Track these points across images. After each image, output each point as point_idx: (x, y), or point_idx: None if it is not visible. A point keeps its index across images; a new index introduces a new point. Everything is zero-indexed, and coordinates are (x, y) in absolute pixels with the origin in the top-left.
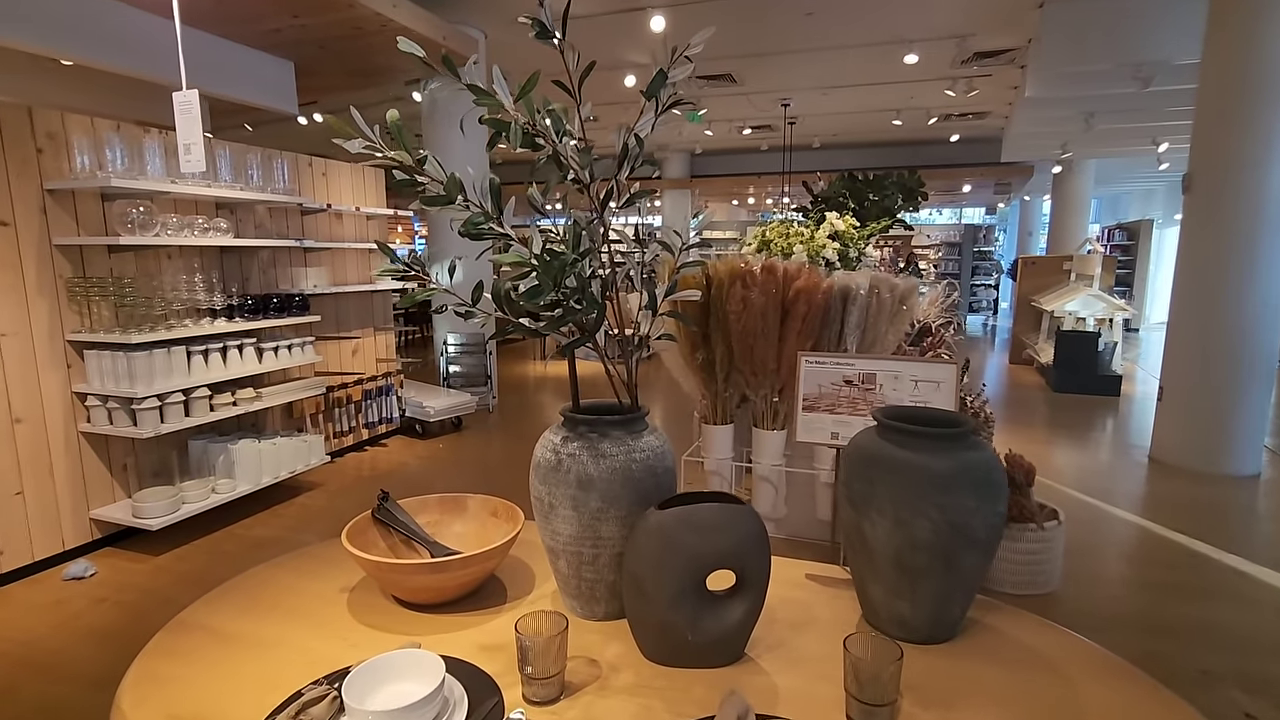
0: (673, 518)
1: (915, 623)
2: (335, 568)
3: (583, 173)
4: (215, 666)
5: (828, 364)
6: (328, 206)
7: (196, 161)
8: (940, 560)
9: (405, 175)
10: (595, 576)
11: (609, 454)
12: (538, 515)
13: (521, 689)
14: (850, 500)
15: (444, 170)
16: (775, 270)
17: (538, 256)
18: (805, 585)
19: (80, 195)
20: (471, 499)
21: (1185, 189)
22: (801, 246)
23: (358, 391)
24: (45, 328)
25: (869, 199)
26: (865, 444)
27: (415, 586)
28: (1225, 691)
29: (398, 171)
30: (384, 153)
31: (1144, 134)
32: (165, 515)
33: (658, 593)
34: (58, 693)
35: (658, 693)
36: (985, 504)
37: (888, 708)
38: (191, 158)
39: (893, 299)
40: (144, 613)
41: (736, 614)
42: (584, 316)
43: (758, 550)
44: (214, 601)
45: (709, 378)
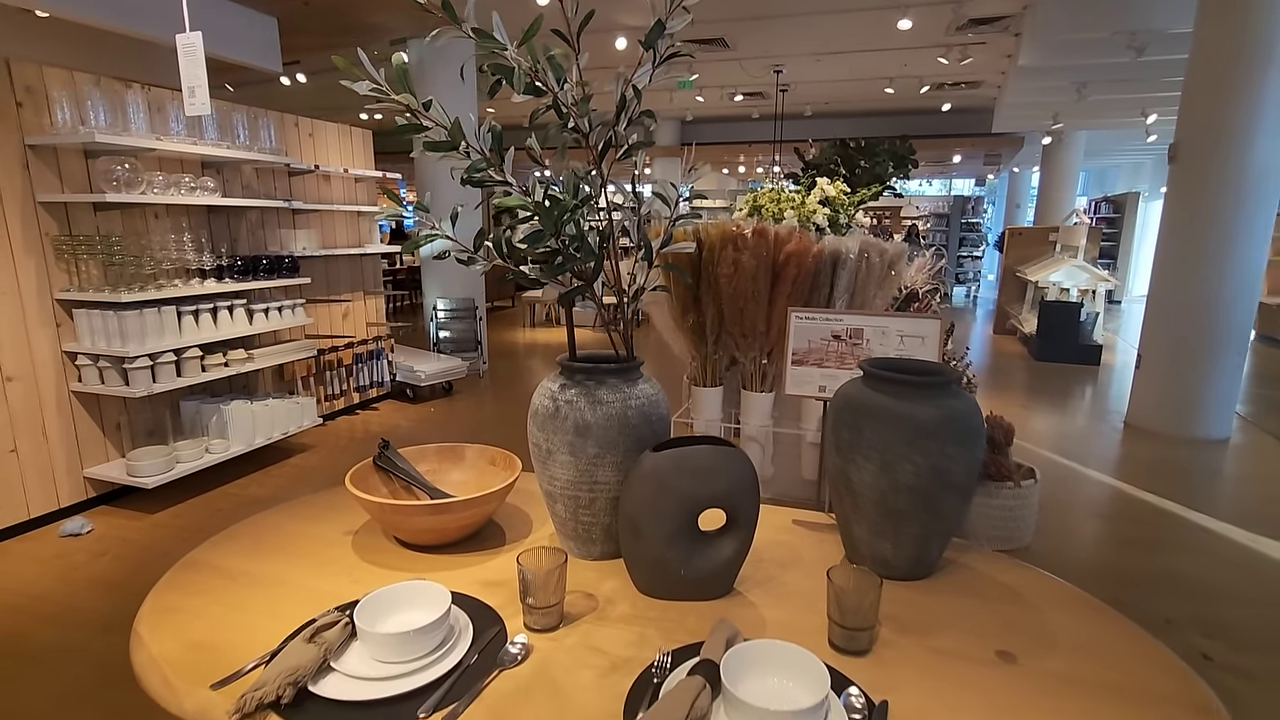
0: (667, 460)
1: (896, 562)
2: (338, 513)
3: (581, 121)
4: (226, 601)
5: (817, 319)
6: (315, 168)
7: (201, 104)
8: (921, 503)
9: (411, 119)
10: (592, 519)
11: (605, 401)
12: (536, 461)
13: (523, 618)
14: (837, 447)
15: (447, 117)
16: (766, 234)
17: (538, 203)
18: (792, 530)
19: (63, 151)
20: (469, 448)
21: (1171, 159)
22: (793, 212)
23: (348, 355)
24: (33, 286)
25: (860, 166)
26: (852, 393)
27: (418, 528)
28: (1186, 636)
29: (401, 117)
30: (392, 95)
31: (1134, 105)
32: (160, 474)
33: (652, 531)
34: (67, 638)
35: (652, 622)
36: (965, 450)
37: (868, 632)
38: (196, 100)
39: (881, 263)
40: (145, 565)
41: (727, 551)
42: (582, 264)
43: (747, 491)
44: (220, 544)
45: (699, 340)
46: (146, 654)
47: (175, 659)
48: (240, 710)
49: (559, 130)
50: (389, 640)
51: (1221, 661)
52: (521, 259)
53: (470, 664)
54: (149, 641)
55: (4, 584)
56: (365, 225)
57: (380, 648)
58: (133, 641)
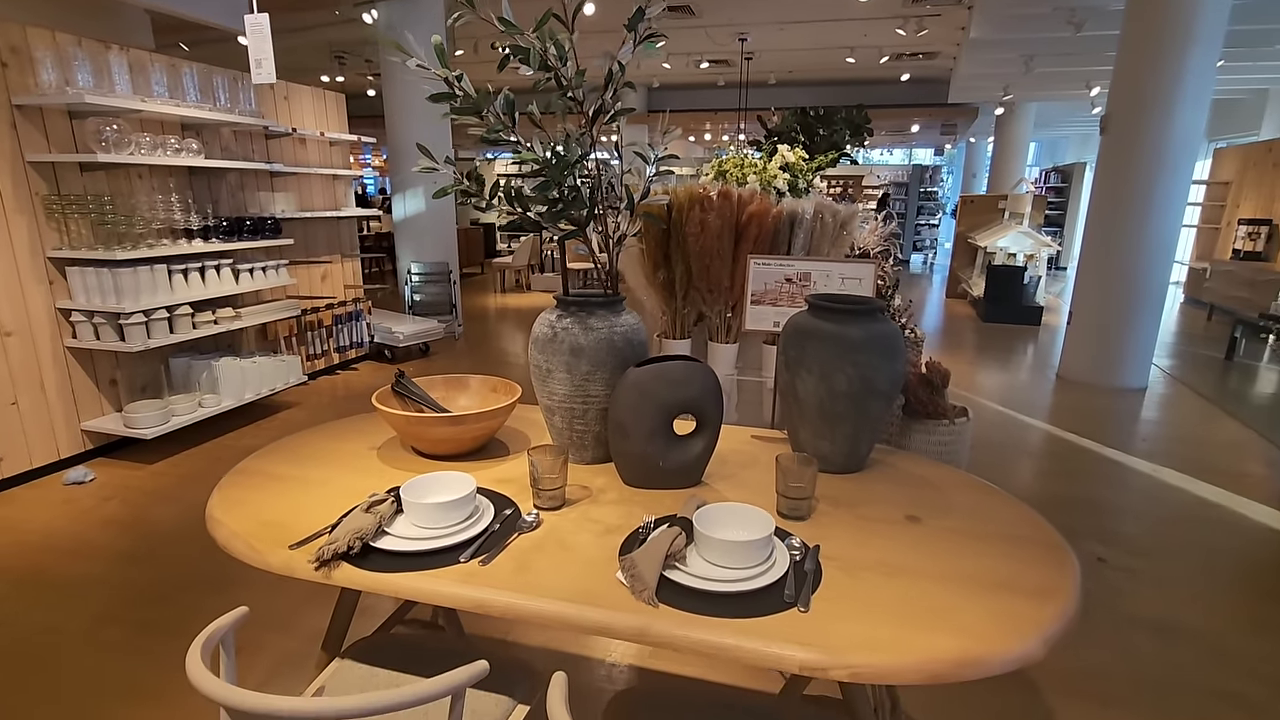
0: (648, 373)
1: (834, 457)
2: (361, 434)
3: (578, 92)
4: (281, 494)
5: (772, 265)
6: (293, 130)
7: (268, 75)
8: (853, 406)
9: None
10: (585, 428)
11: (595, 328)
12: (536, 381)
13: (533, 501)
14: (786, 364)
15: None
16: (730, 196)
17: (545, 159)
18: (750, 442)
19: (48, 112)
20: (473, 378)
21: (1102, 130)
22: (755, 176)
23: (328, 316)
24: (25, 244)
25: (819, 134)
26: (800, 321)
27: (436, 438)
28: (1085, 545)
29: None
30: (437, 72)
31: (1079, 78)
32: (157, 426)
33: (637, 431)
34: (90, 569)
35: (637, 503)
36: (888, 363)
37: (806, 501)
38: (262, 71)
39: (834, 224)
40: (153, 507)
41: (697, 447)
42: (577, 211)
43: (713, 398)
44: (262, 457)
45: (669, 295)
46: (227, 530)
47: (252, 532)
48: (319, 558)
49: (560, 98)
50: (430, 509)
51: (1114, 564)
52: (527, 206)
53: (494, 530)
54: (226, 522)
55: (21, 524)
56: (341, 188)
57: (423, 516)
58: (210, 524)
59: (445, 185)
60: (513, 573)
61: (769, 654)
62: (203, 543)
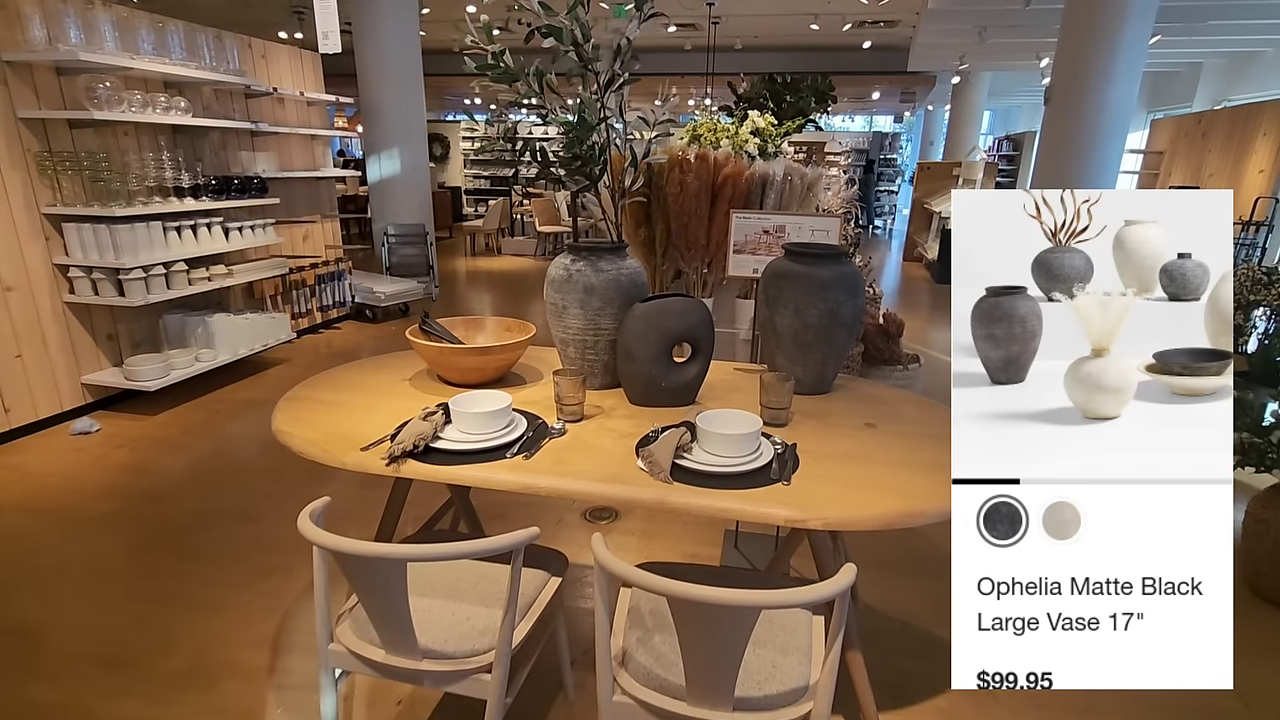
0: (652, 307)
1: (806, 380)
2: (390, 369)
3: (595, 65)
4: (337, 414)
5: (752, 218)
6: (274, 90)
7: (334, 45)
8: (822, 336)
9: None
10: (595, 357)
11: (605, 269)
12: (551, 317)
13: (556, 415)
14: (766, 302)
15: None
16: (707, 159)
17: (571, 122)
18: (734, 373)
19: (37, 68)
20: (488, 319)
21: (1046, 100)
22: (728, 141)
23: (311, 275)
24: (21, 200)
25: (786, 100)
26: (777, 265)
27: (466, 367)
28: None
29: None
30: (485, 47)
31: (1029, 49)
32: (158, 379)
33: (642, 355)
34: (116, 507)
35: (643, 418)
36: (850, 298)
37: (785, 411)
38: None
39: (802, 185)
40: (163, 454)
41: (692, 370)
42: (592, 168)
43: (706, 329)
44: (308, 387)
45: (649, 253)
46: (300, 439)
47: (322, 440)
48: (391, 455)
49: (580, 68)
50: (477, 418)
51: None
52: (549, 163)
53: (529, 435)
54: (296, 433)
55: (41, 470)
56: (319, 149)
57: (471, 424)
58: (281, 437)
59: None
60: (551, 464)
61: (761, 513)
62: (217, 484)
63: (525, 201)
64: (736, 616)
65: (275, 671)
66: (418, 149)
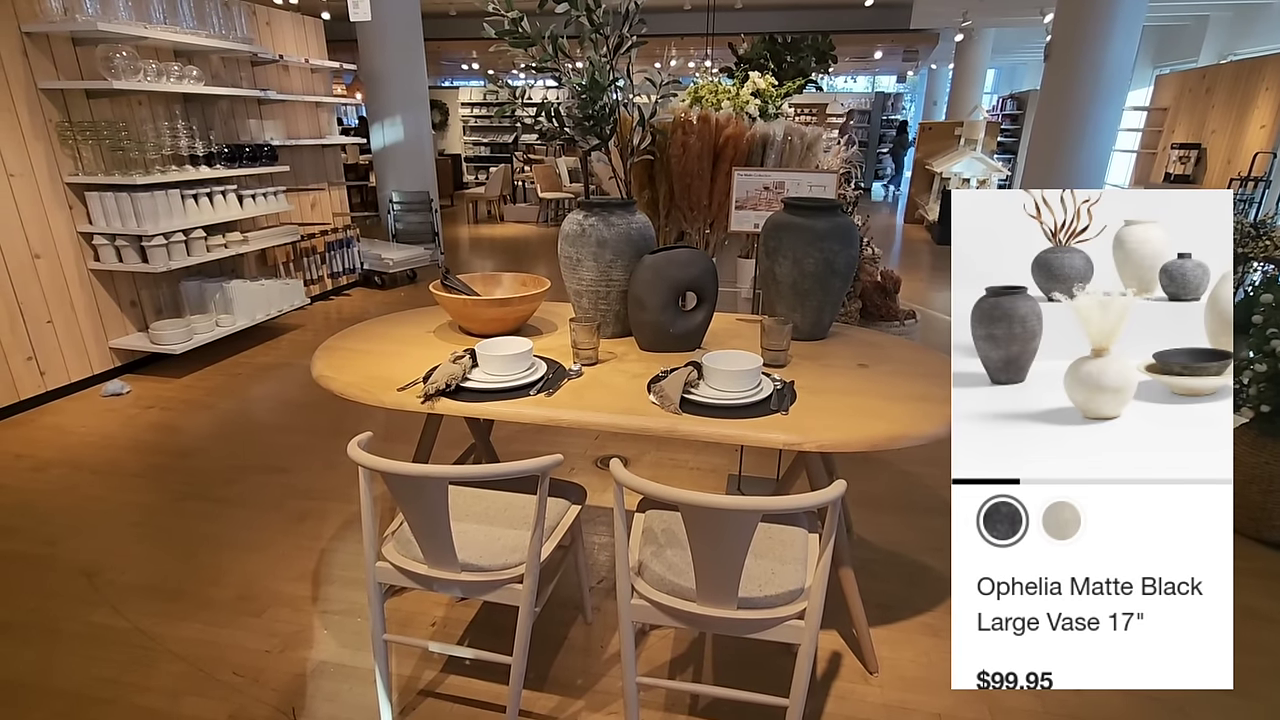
0: (661, 258)
1: (804, 326)
2: (414, 323)
3: (604, 28)
4: (370, 360)
5: (753, 175)
6: (280, 57)
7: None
8: (819, 284)
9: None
10: (608, 307)
11: (616, 224)
12: (565, 270)
13: (573, 358)
14: (766, 253)
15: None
16: (709, 120)
17: (583, 84)
18: (736, 323)
19: (54, 39)
20: (504, 275)
21: (1046, 57)
22: (729, 102)
23: (321, 242)
24: (45, 170)
25: (786, 60)
26: (777, 218)
27: (487, 318)
28: None
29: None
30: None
31: (1033, 3)
32: (182, 343)
33: (652, 303)
34: (155, 461)
35: (653, 361)
36: (845, 248)
37: (784, 353)
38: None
39: (802, 145)
40: (192, 414)
41: (698, 318)
42: (604, 128)
43: (711, 279)
44: (340, 339)
45: (653, 214)
46: (340, 382)
47: (361, 383)
48: (426, 394)
49: (591, 32)
50: (502, 360)
51: None
52: (563, 123)
53: (549, 377)
54: (336, 377)
55: (79, 429)
56: (324, 116)
57: (496, 366)
58: (323, 381)
59: (505, 103)
60: (571, 400)
61: (761, 438)
62: (246, 440)
63: (527, 168)
64: (739, 521)
65: (319, 600)
66: (420, 116)
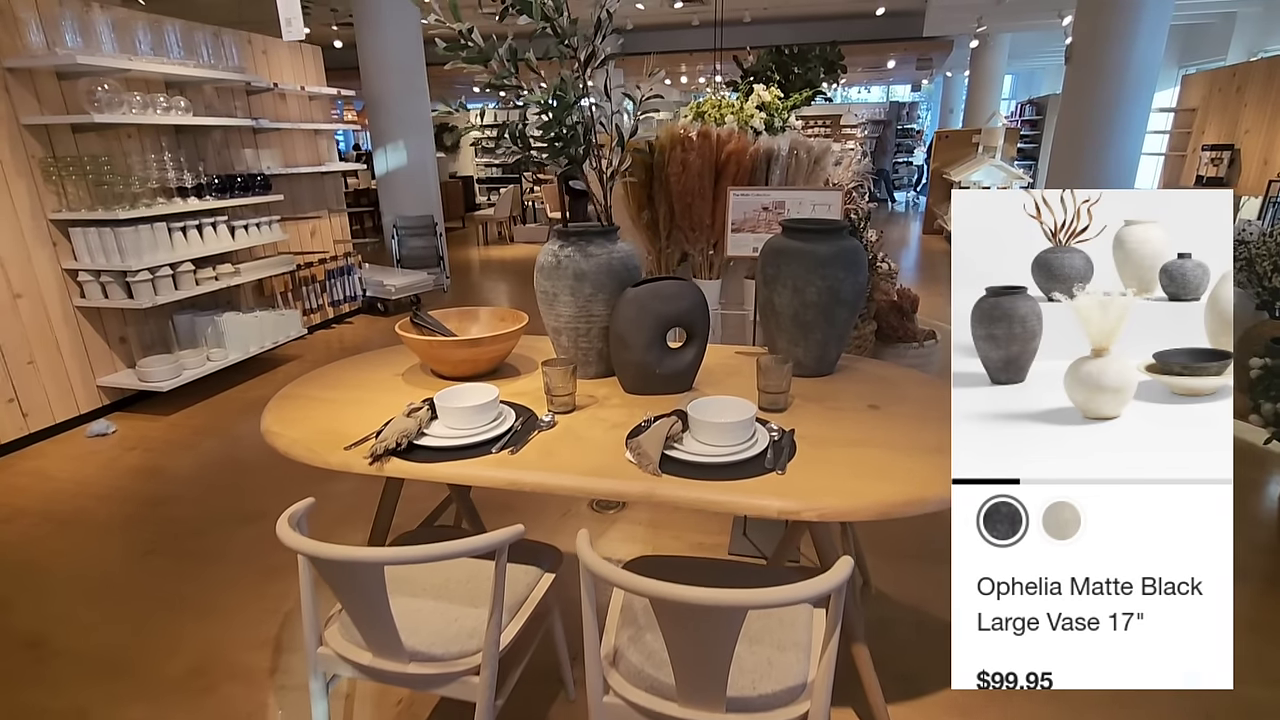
0: (645, 291)
1: (807, 362)
2: (384, 364)
3: (572, 40)
4: (326, 411)
5: (750, 195)
6: (275, 85)
7: (297, 32)
8: (822, 315)
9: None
10: (589, 345)
11: (595, 254)
12: (543, 305)
13: (547, 406)
14: (764, 281)
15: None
16: (710, 135)
17: (547, 102)
18: (734, 357)
19: (37, 74)
20: (481, 310)
21: (1067, 60)
22: (732, 116)
23: (321, 270)
24: (27, 207)
25: (793, 72)
26: (775, 242)
27: (457, 360)
28: None
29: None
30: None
31: (1050, 6)
32: (170, 379)
33: (636, 342)
34: (125, 511)
35: (637, 407)
36: (851, 275)
37: (783, 395)
38: (292, 29)
39: (809, 159)
40: (173, 455)
41: (688, 356)
42: (575, 149)
43: (701, 313)
44: (301, 385)
45: (653, 236)
46: (286, 439)
47: (308, 439)
48: (374, 454)
49: (557, 44)
50: (462, 412)
51: None
52: (530, 146)
53: (518, 429)
54: (284, 433)
55: (56, 474)
56: (323, 143)
57: (456, 418)
58: (269, 437)
59: (462, 129)
60: (538, 458)
61: (753, 505)
62: (225, 485)
63: (536, 189)
64: (723, 616)
65: (277, 672)
66: (423, 140)
